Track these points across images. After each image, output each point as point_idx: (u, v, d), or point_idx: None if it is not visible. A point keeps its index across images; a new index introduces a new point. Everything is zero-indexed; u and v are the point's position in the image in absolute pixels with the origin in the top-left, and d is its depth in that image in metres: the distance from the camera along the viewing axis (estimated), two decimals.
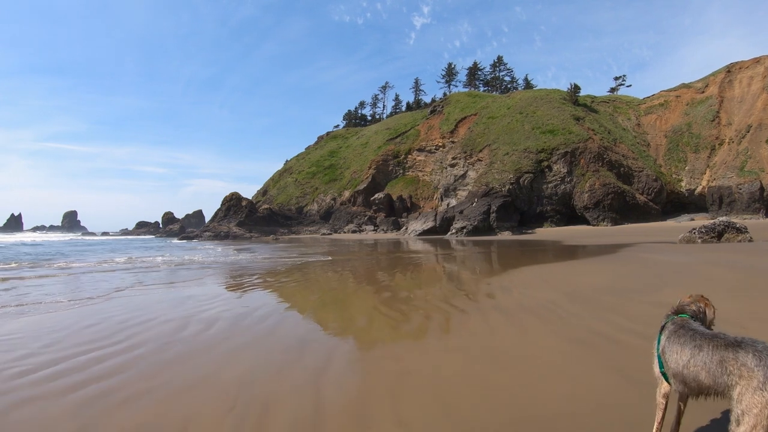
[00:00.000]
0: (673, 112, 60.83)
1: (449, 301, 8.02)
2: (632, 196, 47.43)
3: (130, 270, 16.31)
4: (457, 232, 43.57)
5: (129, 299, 9.25)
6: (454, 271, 13.97)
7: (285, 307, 7.99)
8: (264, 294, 9.80)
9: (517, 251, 21.88)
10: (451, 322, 6.46)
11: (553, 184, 49.68)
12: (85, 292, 10.36)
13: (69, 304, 8.73)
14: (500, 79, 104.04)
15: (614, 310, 6.62)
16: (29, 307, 8.45)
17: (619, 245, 21.61)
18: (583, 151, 50.88)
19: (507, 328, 5.96)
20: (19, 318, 7.50)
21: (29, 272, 15.84)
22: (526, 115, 60.59)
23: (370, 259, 19.48)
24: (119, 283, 12.09)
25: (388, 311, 7.37)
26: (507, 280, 10.67)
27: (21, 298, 9.66)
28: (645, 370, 3.51)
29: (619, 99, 71.42)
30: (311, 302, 8.69)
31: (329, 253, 24.69)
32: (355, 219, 68.54)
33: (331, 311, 7.81)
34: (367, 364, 4.71)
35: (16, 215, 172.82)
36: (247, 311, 7.61)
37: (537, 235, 40.35)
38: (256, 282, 12.01)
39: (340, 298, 9.12)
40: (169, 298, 9.30)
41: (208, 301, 8.74)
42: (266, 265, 17.26)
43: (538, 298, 7.90)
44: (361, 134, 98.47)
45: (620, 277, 10.21)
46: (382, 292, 9.57)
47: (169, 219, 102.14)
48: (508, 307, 7.30)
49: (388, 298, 8.77)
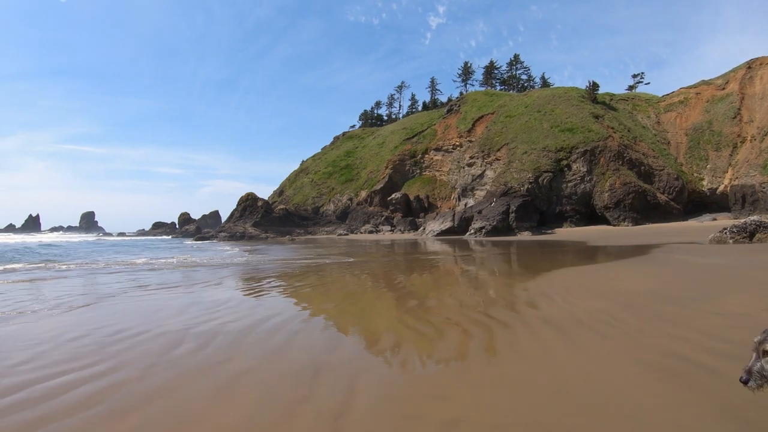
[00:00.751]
0: (693, 110, 59.78)
1: (486, 312, 7.08)
2: (653, 196, 46.50)
3: (137, 271, 15.86)
4: (476, 232, 42.73)
5: (127, 305, 8.65)
6: (481, 275, 13.04)
7: (298, 319, 7.04)
8: (275, 301, 8.99)
9: (541, 252, 21.10)
10: (496, 340, 5.47)
11: (573, 183, 48.76)
12: (82, 297, 9.72)
13: (62, 310, 8.12)
14: (517, 77, 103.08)
15: (681, 324, 5.73)
16: (25, 312, 7.88)
17: (646, 246, 20.79)
18: (603, 150, 49.78)
19: (565, 348, 4.98)
20: (4, 326, 6.88)
21: (39, 273, 15.28)
22: (544, 113, 59.57)
23: (388, 261, 18.71)
24: (123, 286, 11.60)
25: (417, 324, 6.44)
26: (543, 285, 9.80)
27: (17, 302, 9.01)
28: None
29: (638, 96, 70.32)
30: (327, 312, 7.72)
31: (346, 254, 24.08)
32: (372, 219, 68.09)
33: (351, 324, 6.79)
34: (403, 406, 3.58)
35: (34, 216, 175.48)
36: (254, 323, 6.75)
37: (557, 235, 39.34)
38: (267, 286, 11.26)
39: (360, 308, 8.20)
40: (171, 305, 8.57)
41: (212, 309, 7.99)
42: (280, 267, 16.60)
43: (587, 308, 6.98)
44: (378, 134, 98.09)
45: (666, 283, 9.40)
46: (407, 299, 8.69)
47: (185, 219, 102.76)
48: (557, 319, 6.38)
49: (415, 307, 7.85)
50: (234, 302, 8.81)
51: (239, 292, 10.48)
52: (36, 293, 10.73)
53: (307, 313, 7.57)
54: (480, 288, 10.24)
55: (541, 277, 11.29)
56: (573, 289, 9.08)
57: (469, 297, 8.78)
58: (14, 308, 8.46)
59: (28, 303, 9.07)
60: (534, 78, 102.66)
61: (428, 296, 9.12)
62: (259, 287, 11.20)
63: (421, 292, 9.78)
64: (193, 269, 16.63)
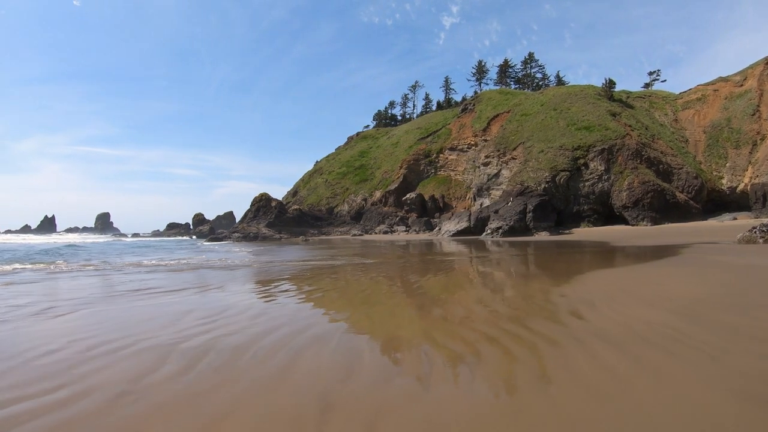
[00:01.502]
0: (711, 107, 58.86)
1: (525, 324, 6.16)
2: (672, 195, 45.49)
3: (141, 272, 15.09)
4: (493, 232, 41.98)
5: (119, 311, 7.94)
6: (509, 279, 12.01)
7: (305, 333, 6.07)
8: (281, 309, 8.09)
9: (565, 254, 20.17)
10: (546, 363, 4.48)
11: (590, 182, 47.84)
12: (71, 302, 8.92)
13: (48, 317, 7.45)
14: (532, 76, 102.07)
15: (765, 339, 4.85)
16: (7, 320, 7.16)
17: (673, 246, 19.98)
18: (621, 148, 48.81)
19: (634, 373, 4.02)
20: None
21: (32, 275, 14.43)
22: (560, 111, 58.69)
23: (405, 263, 17.71)
24: (121, 289, 10.97)
25: (448, 341, 5.46)
26: (580, 290, 8.98)
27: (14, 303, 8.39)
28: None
29: (654, 94, 69.41)
30: (340, 324, 6.70)
31: (360, 254, 23.33)
32: (387, 219, 67.61)
33: (368, 340, 5.73)
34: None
35: (50, 217, 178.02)
36: (254, 337, 5.87)
37: (575, 235, 38.38)
38: (274, 291, 10.44)
39: (378, 319, 7.14)
40: (165, 312, 7.86)
41: (209, 318, 7.20)
42: (290, 269, 15.83)
43: (641, 319, 6.10)
44: (392, 134, 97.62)
45: (716, 287, 8.48)
46: (431, 308, 7.77)
47: (199, 220, 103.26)
48: (612, 333, 5.42)
49: (441, 318, 6.93)
50: (234, 310, 7.95)
51: (242, 297, 9.66)
52: (26, 296, 10.01)
53: (316, 326, 6.64)
54: (511, 294, 9.32)
55: (576, 281, 10.48)
56: (615, 295, 8.24)
57: (501, 305, 7.87)
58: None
59: (11, 309, 8.36)
60: (549, 76, 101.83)
61: (455, 304, 8.25)
62: (265, 292, 10.42)
63: (446, 298, 8.98)
64: (196, 271, 15.99)
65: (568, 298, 8.19)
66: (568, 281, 10.56)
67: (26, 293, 10.58)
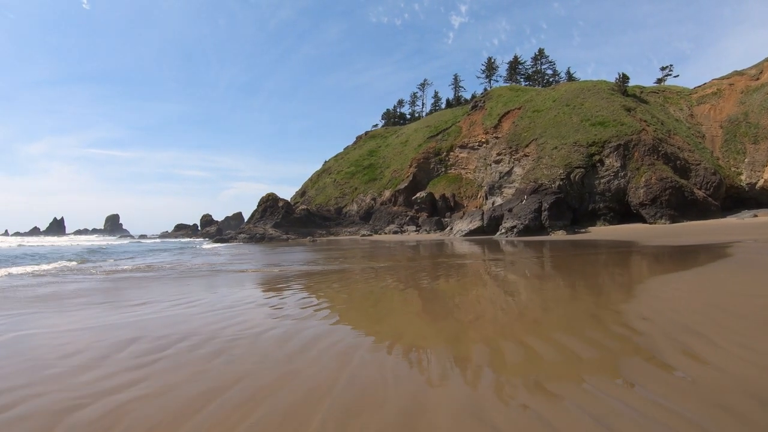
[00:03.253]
0: (727, 101, 57.56)
1: (623, 374, 4.30)
2: (690, 192, 44.05)
3: (123, 278, 13.93)
4: (507, 231, 40.84)
5: (35, 338, 6.53)
6: (553, 290, 9.81)
7: (273, 400, 4.01)
8: (247, 347, 5.80)
9: (597, 255, 18.74)
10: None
11: (606, 179, 46.71)
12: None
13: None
14: (542, 72, 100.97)
15: None
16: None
17: (712, 246, 18.85)
18: (637, 144, 47.58)
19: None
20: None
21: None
22: (573, 107, 57.52)
23: (420, 268, 16.08)
24: (65, 304, 9.64)
25: (509, 416, 3.50)
26: (659, 307, 7.11)
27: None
28: None
29: (668, 89, 68.04)
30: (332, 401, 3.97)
31: (370, 256, 22.46)
32: (396, 219, 66.88)
33: (381, 418, 3.59)
34: None
35: (59, 219, 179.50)
36: (188, 405, 3.90)
37: (593, 234, 37.18)
38: (247, 313, 8.08)
39: (397, 360, 5.10)
40: (100, 342, 6.15)
41: (143, 360, 5.31)
42: (289, 275, 14.62)
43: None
44: (401, 133, 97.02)
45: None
46: (469, 345, 5.52)
47: (207, 221, 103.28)
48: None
49: (486, 361, 4.89)
50: (184, 346, 5.87)
51: (209, 319, 7.58)
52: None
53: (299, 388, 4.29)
54: (570, 313, 7.17)
55: (642, 294, 8.56)
56: (716, 316, 6.32)
57: (568, 336, 5.66)
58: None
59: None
60: (559, 73, 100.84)
61: (501, 336, 5.92)
62: (234, 316, 7.88)
63: (487, 327, 6.54)
64: (187, 276, 14.90)
65: (654, 322, 6.20)
66: (631, 293, 8.82)
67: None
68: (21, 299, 10.40)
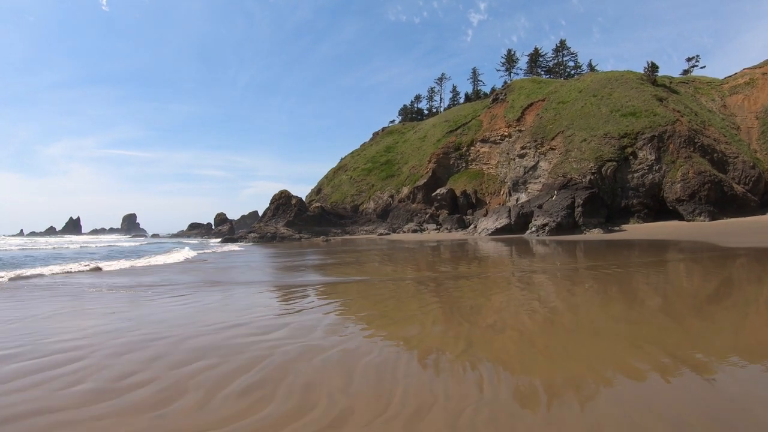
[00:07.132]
0: (761, 91, 54.85)
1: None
2: (729, 187, 41.29)
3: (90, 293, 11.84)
4: (538, 230, 38.33)
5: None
6: (645, 315, 7.46)
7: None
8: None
9: (674, 263, 15.93)
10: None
11: (640, 173, 44.04)
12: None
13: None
14: (564, 64, 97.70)
15: None
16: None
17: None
18: (672, 135, 44.83)
19: None
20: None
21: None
22: (600, 97, 54.77)
23: (453, 283, 12.67)
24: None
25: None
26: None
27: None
28: None
29: (697, 79, 65.20)
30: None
31: (387, 258, 20.40)
32: (416, 217, 64.27)
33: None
34: None
35: (75, 218, 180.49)
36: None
37: (631, 233, 34.52)
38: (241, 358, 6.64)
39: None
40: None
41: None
42: (297, 284, 12.82)
43: None
44: (419, 128, 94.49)
45: None
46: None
47: (221, 220, 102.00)
48: None
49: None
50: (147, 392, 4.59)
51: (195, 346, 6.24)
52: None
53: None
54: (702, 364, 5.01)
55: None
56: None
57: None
58: None
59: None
60: (581, 65, 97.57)
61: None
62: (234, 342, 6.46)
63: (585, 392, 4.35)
64: (169, 288, 12.96)
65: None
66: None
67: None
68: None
